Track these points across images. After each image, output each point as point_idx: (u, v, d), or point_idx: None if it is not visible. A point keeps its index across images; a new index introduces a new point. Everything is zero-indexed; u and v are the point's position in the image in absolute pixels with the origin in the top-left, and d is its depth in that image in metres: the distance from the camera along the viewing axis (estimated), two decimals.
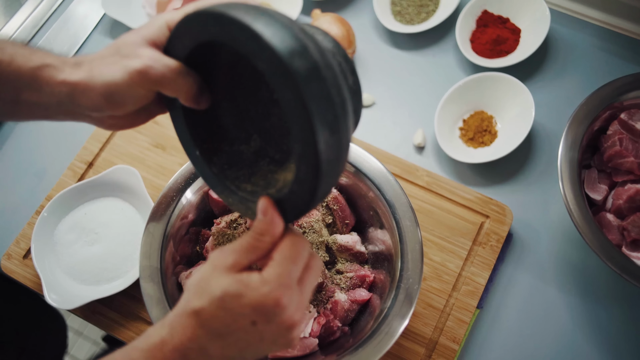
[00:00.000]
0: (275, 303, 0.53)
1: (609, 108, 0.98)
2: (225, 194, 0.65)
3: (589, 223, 0.89)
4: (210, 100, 0.62)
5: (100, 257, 0.96)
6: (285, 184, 0.60)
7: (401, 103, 1.15)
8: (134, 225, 1.00)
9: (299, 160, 0.50)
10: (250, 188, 0.63)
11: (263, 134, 0.65)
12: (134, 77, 0.57)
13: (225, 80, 0.62)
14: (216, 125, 0.65)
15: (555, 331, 0.95)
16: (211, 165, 0.65)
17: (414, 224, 0.83)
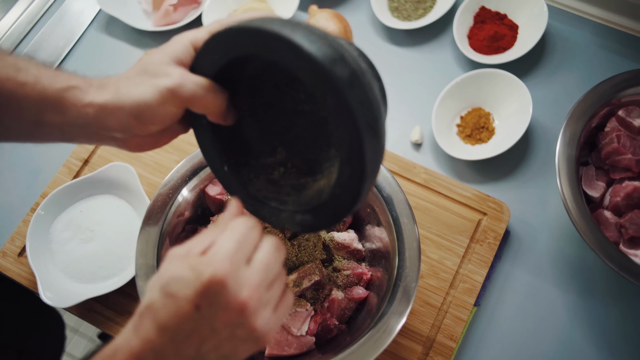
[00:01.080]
0: (216, 281, 0.51)
1: (607, 105, 0.98)
2: (255, 207, 0.65)
3: (587, 220, 0.89)
4: (236, 115, 0.62)
5: (96, 254, 0.96)
6: (319, 192, 0.61)
7: (398, 100, 1.15)
8: (130, 222, 1.00)
9: (344, 164, 0.52)
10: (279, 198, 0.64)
11: (287, 145, 0.65)
12: (165, 95, 0.57)
13: (249, 94, 0.62)
14: (241, 140, 0.65)
15: (552, 329, 0.95)
16: (239, 179, 0.65)
17: (412, 221, 0.82)
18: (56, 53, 1.23)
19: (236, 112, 0.63)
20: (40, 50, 1.23)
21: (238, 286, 0.52)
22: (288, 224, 0.62)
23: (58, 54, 1.23)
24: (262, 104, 0.63)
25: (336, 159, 0.56)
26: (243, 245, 0.54)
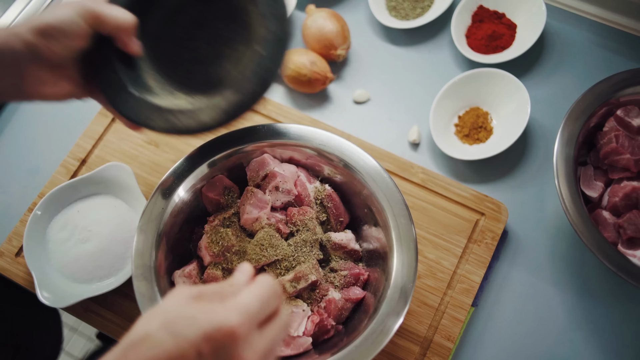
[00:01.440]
0: (230, 332, 0.49)
1: (605, 104, 0.97)
2: (168, 117, 0.76)
3: (585, 220, 0.89)
4: None
5: (93, 255, 0.96)
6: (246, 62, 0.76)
7: (396, 99, 1.15)
8: (127, 222, 0.99)
9: (270, 29, 0.73)
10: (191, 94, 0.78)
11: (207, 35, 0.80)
12: (79, 10, 0.68)
13: None
14: None
15: (550, 329, 0.95)
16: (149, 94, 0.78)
17: (409, 221, 0.82)
18: None
19: None
20: None
21: (248, 347, 0.50)
22: (209, 116, 0.74)
23: None
24: None
25: None
26: (265, 307, 0.52)
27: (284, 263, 0.82)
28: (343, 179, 0.89)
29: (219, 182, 0.89)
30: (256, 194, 0.85)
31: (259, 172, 0.88)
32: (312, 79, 1.09)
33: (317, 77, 1.09)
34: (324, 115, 1.14)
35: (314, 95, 1.15)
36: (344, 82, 1.17)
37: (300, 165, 0.91)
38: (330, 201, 0.89)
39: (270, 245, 0.82)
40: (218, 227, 0.85)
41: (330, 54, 1.13)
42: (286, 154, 0.90)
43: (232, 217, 0.87)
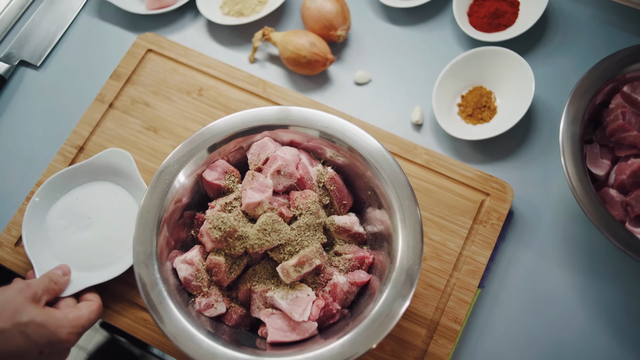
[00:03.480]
0: (68, 343, 0.79)
1: (611, 81, 0.96)
2: None
3: (592, 199, 0.88)
4: None
5: (94, 242, 0.95)
6: None
7: (398, 80, 1.13)
8: (127, 209, 0.98)
9: None
10: None
11: None
12: None
13: None
14: None
15: (558, 309, 0.94)
16: None
17: (413, 203, 0.81)
18: (48, 39, 1.20)
19: None
20: (32, 36, 1.20)
21: None
22: None
23: (50, 39, 1.20)
24: None
25: None
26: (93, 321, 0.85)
27: (288, 248, 0.81)
28: (346, 161, 0.87)
29: (220, 166, 0.87)
30: (258, 178, 0.83)
31: (260, 155, 0.87)
32: (312, 60, 1.07)
33: (317, 58, 1.07)
34: (324, 97, 1.12)
35: (314, 77, 1.13)
36: (345, 63, 1.15)
37: (302, 148, 0.90)
38: (333, 184, 0.87)
39: (273, 230, 0.80)
40: (219, 213, 0.83)
41: (330, 35, 1.11)
42: (287, 137, 0.89)
43: (234, 202, 0.85)
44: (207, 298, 0.81)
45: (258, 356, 0.74)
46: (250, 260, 0.84)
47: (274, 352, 0.76)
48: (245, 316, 0.84)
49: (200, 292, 0.82)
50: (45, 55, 1.19)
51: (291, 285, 0.81)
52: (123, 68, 1.12)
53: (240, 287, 0.84)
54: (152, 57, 1.13)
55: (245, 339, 0.81)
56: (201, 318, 0.80)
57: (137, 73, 1.12)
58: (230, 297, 0.85)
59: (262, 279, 0.82)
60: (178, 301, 0.78)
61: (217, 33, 1.20)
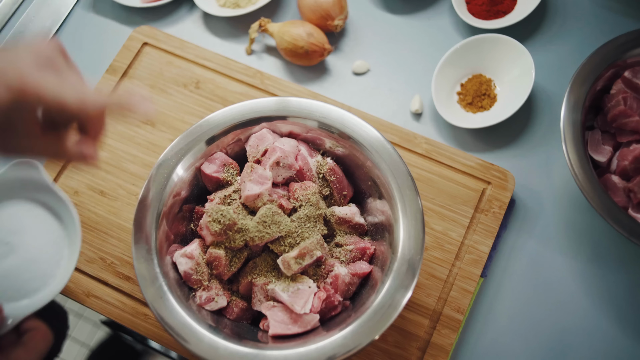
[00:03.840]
0: None
1: (612, 67, 0.95)
2: None
3: (594, 186, 0.87)
4: None
5: (20, 267, 0.80)
6: None
7: (396, 69, 1.12)
8: (49, 223, 0.84)
9: None
10: None
11: None
12: None
13: None
14: None
15: (562, 298, 0.93)
16: None
17: (414, 192, 0.80)
18: (43, 34, 1.19)
19: None
20: (27, 31, 1.19)
21: None
22: None
23: (45, 34, 1.19)
24: None
25: None
26: None
27: (288, 240, 0.80)
28: (345, 152, 0.86)
29: (218, 159, 0.86)
30: (257, 170, 0.83)
31: (259, 147, 0.86)
32: (309, 50, 1.06)
33: (314, 48, 1.06)
34: (322, 87, 1.11)
35: (311, 67, 1.12)
36: (342, 53, 1.14)
37: (301, 139, 0.89)
38: (332, 175, 0.87)
39: (273, 222, 0.79)
40: (219, 206, 0.82)
41: (327, 25, 1.10)
42: (285, 128, 0.88)
43: (233, 195, 0.84)
44: (207, 292, 0.81)
45: (260, 349, 0.73)
46: (251, 253, 0.83)
47: (276, 345, 0.75)
48: (247, 309, 0.83)
49: (201, 285, 0.81)
50: None
51: (292, 277, 0.80)
52: (119, 62, 1.11)
53: (241, 280, 0.83)
54: (148, 51, 1.12)
55: (247, 332, 0.80)
56: (202, 312, 0.79)
57: (133, 67, 1.11)
58: (231, 290, 0.84)
59: (262, 271, 0.82)
60: (178, 295, 0.77)
61: (214, 25, 1.19)
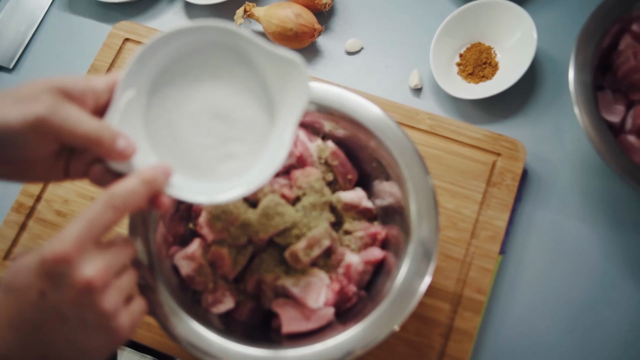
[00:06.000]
0: (57, 257, 0.48)
1: (618, 21, 0.90)
2: None
3: (612, 147, 0.82)
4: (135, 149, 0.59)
5: (220, 136, 0.67)
6: None
7: (391, 45, 1.07)
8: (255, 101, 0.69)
9: None
10: None
11: None
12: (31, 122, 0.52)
13: None
14: None
15: (585, 267, 0.89)
16: None
17: (423, 169, 0.75)
18: (18, 39, 1.14)
19: None
20: (2, 37, 1.14)
21: (83, 263, 0.50)
22: None
23: (20, 40, 1.14)
24: None
25: None
26: (93, 226, 0.51)
27: (294, 231, 0.75)
28: (346, 133, 0.81)
29: None
30: None
31: None
32: (299, 32, 1.01)
33: (304, 30, 1.01)
34: (315, 70, 1.06)
35: (302, 50, 1.07)
36: (333, 32, 1.09)
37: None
38: (335, 159, 0.82)
39: (276, 214, 0.75)
40: None
41: (315, 4, 1.05)
42: None
43: None
44: (213, 294, 0.76)
45: (274, 350, 0.69)
46: (256, 248, 0.79)
47: (290, 344, 0.71)
48: (256, 309, 0.79)
49: (206, 288, 0.76)
50: (18, 57, 1.13)
51: (302, 270, 0.75)
52: (100, 61, 1.06)
53: (248, 279, 0.78)
54: (130, 47, 1.07)
55: (259, 333, 0.76)
56: (209, 315, 0.74)
57: (115, 64, 1.06)
58: (238, 290, 0.79)
59: (270, 267, 0.77)
60: (182, 300, 0.73)
61: (197, 14, 1.13)
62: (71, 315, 0.50)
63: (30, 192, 0.97)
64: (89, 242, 0.50)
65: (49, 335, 0.50)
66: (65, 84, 0.55)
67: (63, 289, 0.49)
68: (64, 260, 0.48)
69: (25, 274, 0.49)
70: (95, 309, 0.51)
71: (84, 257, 0.50)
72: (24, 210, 0.96)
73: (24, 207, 0.96)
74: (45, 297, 0.49)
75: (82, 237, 0.50)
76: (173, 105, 0.65)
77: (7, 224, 0.95)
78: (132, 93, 0.61)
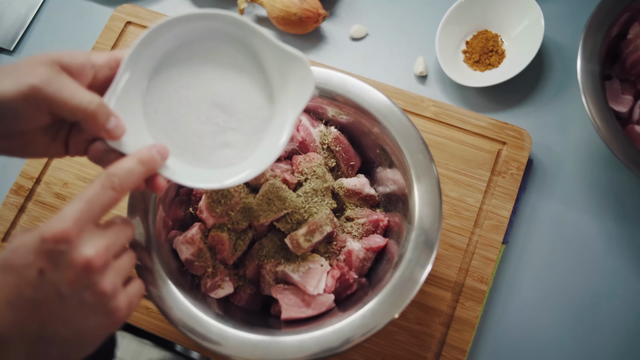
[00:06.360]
0: (56, 236, 0.48)
1: (627, 10, 0.89)
2: None
3: (620, 137, 0.81)
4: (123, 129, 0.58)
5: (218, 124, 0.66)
6: None
7: (397, 31, 1.05)
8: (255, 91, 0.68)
9: None
10: None
11: None
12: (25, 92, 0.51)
13: None
14: None
15: (589, 259, 0.88)
16: None
17: (427, 157, 0.74)
18: (19, 21, 1.12)
19: None
20: (2, 20, 1.13)
21: (83, 243, 0.49)
22: None
23: (22, 21, 1.12)
24: None
25: None
26: (93, 206, 0.51)
27: (296, 216, 0.74)
28: (350, 119, 0.80)
29: None
30: None
31: None
32: (303, 17, 0.99)
33: (308, 15, 0.99)
34: (319, 56, 1.04)
35: (306, 35, 1.06)
36: (338, 18, 1.07)
37: None
38: (338, 144, 0.81)
39: (277, 198, 0.74)
40: None
41: None
42: None
43: None
44: (212, 278, 0.75)
45: (273, 336, 0.68)
46: (256, 233, 0.78)
47: (289, 330, 0.70)
48: (256, 295, 0.78)
49: (205, 272, 0.75)
50: (18, 39, 1.12)
51: (302, 256, 0.74)
52: (102, 44, 1.05)
53: (248, 264, 0.77)
54: (132, 30, 1.06)
55: (258, 319, 0.75)
56: (208, 300, 0.73)
57: (117, 47, 1.05)
58: (238, 275, 0.79)
59: (270, 253, 0.76)
60: (181, 284, 0.72)
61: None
62: (70, 294, 0.49)
63: (30, 174, 0.96)
64: (88, 222, 0.50)
65: (47, 315, 0.50)
66: (63, 57, 0.54)
67: (62, 268, 0.48)
68: (63, 239, 0.48)
69: (23, 253, 0.48)
70: (94, 288, 0.50)
71: (84, 236, 0.50)
72: (23, 193, 0.95)
73: (23, 189, 0.95)
74: (44, 275, 0.48)
75: (82, 216, 0.49)
76: (174, 90, 0.64)
77: (6, 205, 0.94)
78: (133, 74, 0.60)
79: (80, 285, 0.50)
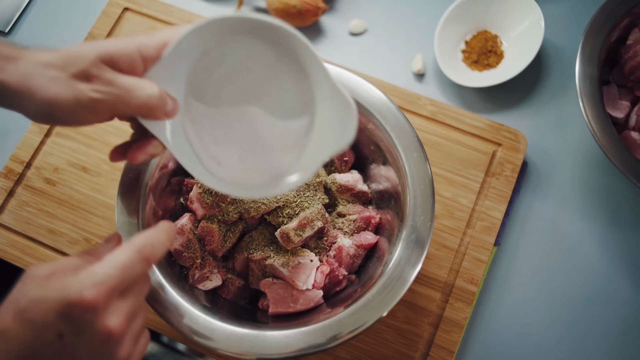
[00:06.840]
0: (86, 305, 0.46)
1: (628, 15, 0.88)
2: None
3: (616, 143, 0.81)
4: None
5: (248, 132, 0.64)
6: None
7: (396, 27, 1.04)
8: None
9: None
10: None
11: None
12: (85, 104, 0.51)
13: None
14: None
15: (581, 264, 0.88)
16: None
17: (422, 155, 0.73)
18: (15, 3, 1.11)
19: None
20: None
21: (109, 313, 0.48)
22: None
23: (18, 3, 1.11)
24: None
25: None
26: (126, 276, 0.49)
27: (287, 210, 0.74)
28: None
29: None
30: None
31: None
32: (302, 10, 0.99)
33: (307, 7, 0.99)
34: (318, 50, 1.03)
35: (305, 28, 1.05)
36: (338, 12, 1.06)
37: None
38: None
39: None
40: None
41: None
42: None
43: None
44: (200, 270, 0.74)
45: (259, 330, 0.67)
46: (246, 226, 0.77)
47: (276, 324, 0.69)
48: (244, 288, 0.77)
49: (193, 263, 0.75)
50: (14, 21, 1.10)
51: (292, 251, 0.74)
52: (98, 29, 1.03)
53: (237, 257, 0.77)
54: (129, 16, 1.04)
55: (245, 312, 0.74)
56: (195, 292, 0.73)
57: (114, 34, 1.03)
58: (226, 267, 0.78)
59: (260, 246, 0.75)
60: (169, 274, 0.71)
61: None
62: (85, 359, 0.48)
63: (21, 158, 0.95)
64: (118, 291, 0.49)
65: None
66: (113, 53, 0.53)
67: (83, 335, 0.47)
68: (92, 309, 0.46)
69: (45, 310, 0.46)
70: (110, 357, 0.49)
71: (109, 305, 0.48)
72: (12, 177, 0.94)
73: (12, 173, 0.94)
74: (63, 340, 0.46)
75: (114, 285, 0.48)
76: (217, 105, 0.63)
77: None
78: (180, 58, 0.57)
79: (98, 354, 0.48)
